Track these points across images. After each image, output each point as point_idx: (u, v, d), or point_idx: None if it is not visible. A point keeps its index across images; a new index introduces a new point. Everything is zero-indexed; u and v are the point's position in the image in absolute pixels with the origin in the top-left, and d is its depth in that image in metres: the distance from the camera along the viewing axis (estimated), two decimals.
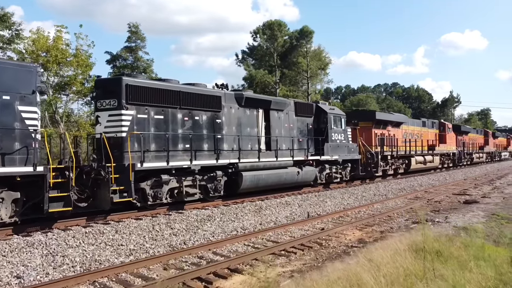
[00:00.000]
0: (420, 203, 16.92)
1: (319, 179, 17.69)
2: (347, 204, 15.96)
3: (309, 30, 38.59)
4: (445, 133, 31.63)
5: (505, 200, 18.24)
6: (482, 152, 43.88)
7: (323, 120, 18.01)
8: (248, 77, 38.43)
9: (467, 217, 13.76)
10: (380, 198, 17.92)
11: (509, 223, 12.92)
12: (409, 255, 7.67)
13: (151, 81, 12.19)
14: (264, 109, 15.39)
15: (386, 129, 23.63)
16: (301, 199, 15.72)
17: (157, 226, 10.51)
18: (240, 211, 12.89)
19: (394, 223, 12.72)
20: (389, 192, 19.63)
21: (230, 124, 14.00)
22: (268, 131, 15.53)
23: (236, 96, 14.29)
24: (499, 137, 56.76)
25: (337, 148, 18.42)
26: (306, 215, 13.43)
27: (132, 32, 29.76)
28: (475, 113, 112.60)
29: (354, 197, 17.53)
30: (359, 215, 14.04)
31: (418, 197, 18.89)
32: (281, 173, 15.24)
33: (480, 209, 15.42)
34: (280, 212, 13.50)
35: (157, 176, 11.43)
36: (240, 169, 13.57)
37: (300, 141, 16.91)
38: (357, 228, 11.92)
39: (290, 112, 16.57)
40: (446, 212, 14.92)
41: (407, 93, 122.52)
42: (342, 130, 18.91)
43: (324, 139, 17.65)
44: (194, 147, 12.50)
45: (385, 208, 15.56)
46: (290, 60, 39.31)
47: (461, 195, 19.73)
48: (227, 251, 9.15)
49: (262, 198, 15.10)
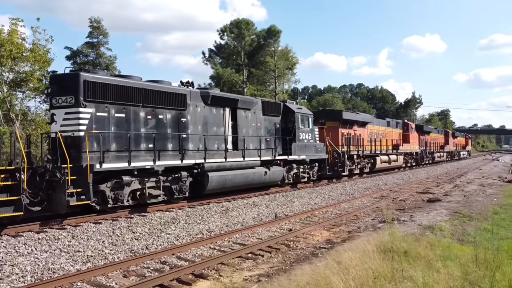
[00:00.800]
0: (386, 202, 17.10)
1: (286, 179, 17.55)
2: (314, 204, 15.90)
3: (276, 29, 38.56)
4: (409, 133, 32.39)
5: (465, 198, 18.77)
6: (443, 151, 45.36)
7: (291, 119, 17.87)
8: (215, 76, 37.91)
9: (431, 215, 13.98)
10: (347, 197, 18.00)
11: (470, 221, 13.22)
12: (378, 256, 7.57)
13: (111, 77, 11.55)
14: (231, 108, 15.06)
15: (352, 129, 23.84)
16: (269, 199, 15.51)
17: (117, 230, 9.97)
18: (206, 213, 12.51)
19: (361, 223, 12.72)
20: (355, 191, 19.78)
21: (196, 123, 13.57)
22: (235, 131, 15.21)
23: (202, 95, 13.88)
24: (458, 137, 58.99)
25: (305, 147, 18.34)
26: (273, 216, 13.22)
27: (94, 27, 28.56)
28: (436, 114, 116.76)
29: (321, 196, 17.51)
30: (326, 215, 13.98)
31: (384, 196, 19.13)
32: (249, 173, 14.96)
33: (443, 208, 15.75)
34: (247, 213, 13.22)
35: (118, 177, 10.85)
36: (206, 170, 13.18)
37: (268, 140, 16.70)
38: (325, 228, 11.82)
39: (257, 111, 16.32)
40: (411, 210, 15.13)
41: (371, 93, 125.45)
42: (310, 129, 18.85)
43: (291, 138, 17.51)
44: (158, 147, 12.00)
45: (352, 207, 15.61)
46: (258, 59, 39.12)
47: (424, 194, 20.17)
48: (192, 255, 8.77)
49: (229, 199, 14.77)
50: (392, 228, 9.09)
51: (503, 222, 13.58)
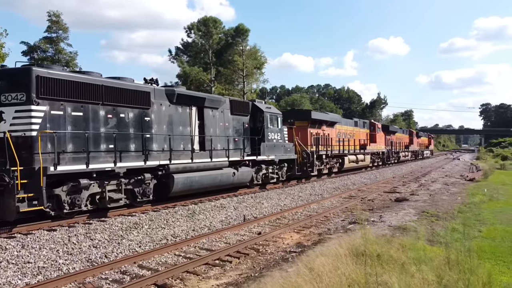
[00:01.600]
0: (355, 202, 17.03)
1: (255, 180, 17.16)
2: (284, 205, 15.58)
3: (245, 28, 38.06)
4: (375, 133, 32.78)
5: (431, 197, 19.02)
6: (408, 151, 46.39)
7: (260, 119, 17.49)
8: (182, 75, 37.00)
9: (400, 215, 13.97)
10: (316, 198, 17.81)
11: (438, 220, 13.28)
12: (350, 261, 7.28)
13: (68, 73, 10.73)
14: (197, 106, 14.49)
15: (321, 129, 23.75)
16: (237, 201, 15.06)
17: (74, 238, 9.24)
18: (171, 217, 11.91)
19: (331, 224, 12.49)
20: (324, 192, 19.65)
21: (160, 123, 12.93)
22: (202, 130, 14.66)
23: (167, 92, 13.24)
24: (422, 136, 60.63)
25: (274, 148, 18.02)
26: (242, 218, 12.79)
27: (53, 22, 27.09)
28: (400, 114, 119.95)
29: (290, 197, 17.23)
30: (296, 216, 13.69)
31: (352, 195, 19.10)
32: (216, 174, 14.45)
33: (411, 207, 15.82)
34: (215, 216, 12.72)
35: (75, 180, 10.09)
36: (172, 171, 12.57)
37: (236, 140, 16.25)
38: (295, 231, 11.50)
39: (225, 111, 15.83)
40: (380, 210, 15.08)
41: (338, 94, 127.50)
42: (279, 129, 18.54)
43: (260, 138, 17.14)
44: (119, 147, 11.30)
45: (322, 208, 15.41)
46: (226, 58, 38.52)
47: (391, 193, 20.31)
48: (155, 263, 8.21)
49: (195, 202, 14.21)
50: (364, 230, 8.84)
51: (469, 221, 13.73)
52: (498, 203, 18.13)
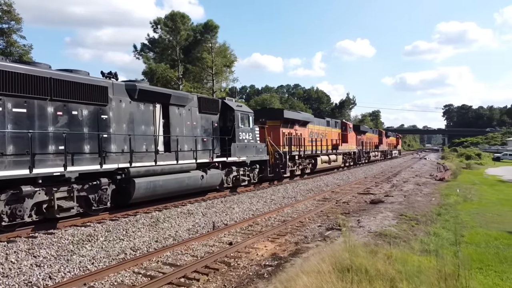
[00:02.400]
0: (330, 205, 16.29)
1: (225, 183, 16.07)
2: (256, 209, 14.60)
3: (214, 24, 36.69)
4: (347, 133, 32.35)
5: (406, 198, 18.57)
6: (378, 150, 46.50)
7: (230, 118, 16.41)
8: (148, 72, 35.27)
9: (379, 219, 13.28)
10: (289, 201, 16.94)
11: (418, 224, 12.67)
12: (335, 278, 6.36)
13: (8, 63, 9.28)
14: (162, 104, 13.25)
15: (293, 129, 22.92)
16: (206, 206, 13.93)
17: (12, 256, 7.89)
18: (132, 226, 10.66)
19: (308, 231, 11.61)
20: (298, 194, 18.82)
21: (120, 121, 11.63)
22: (168, 130, 13.44)
23: (128, 88, 11.95)
24: (391, 136, 61.26)
25: (245, 148, 16.98)
26: (211, 226, 11.72)
27: (4, 12, 24.92)
28: (368, 114, 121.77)
29: (263, 201, 16.27)
30: (269, 222, 12.74)
31: (327, 198, 18.37)
32: (183, 178, 13.26)
33: (388, 210, 15.21)
34: (181, 224, 11.57)
35: (15, 188, 8.70)
36: (132, 175, 11.30)
37: (205, 141, 15.11)
38: (269, 239, 10.53)
39: (193, 109, 14.65)
40: (356, 214, 14.37)
41: (307, 94, 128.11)
42: (250, 129, 17.52)
43: (230, 138, 16.06)
44: (71, 149, 9.95)
45: (296, 212, 14.55)
46: (194, 55, 37.06)
47: (366, 195, 19.75)
48: (109, 284, 7.03)
49: (160, 208, 12.98)
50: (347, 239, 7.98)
51: (448, 224, 13.23)
52: (472, 204, 17.89)
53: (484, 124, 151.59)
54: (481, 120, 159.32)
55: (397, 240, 10.24)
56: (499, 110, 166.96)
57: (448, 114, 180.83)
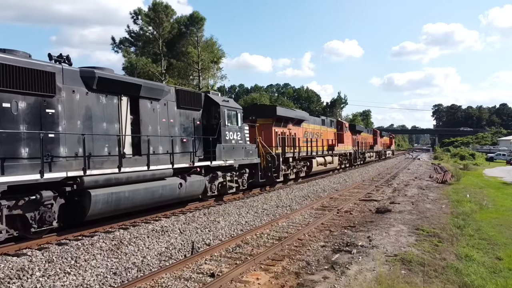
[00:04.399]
0: (331, 215, 14.07)
1: (209, 191, 13.67)
2: (245, 223, 12.29)
3: (199, 16, 34.08)
4: (343, 132, 30.16)
5: (414, 206, 16.48)
6: (372, 151, 44.51)
7: (215, 115, 14.03)
8: (128, 66, 32.60)
9: (392, 235, 11.08)
10: (284, 210, 14.66)
11: (441, 242, 10.48)
12: None
13: None
14: (130, 96, 10.82)
15: (287, 127, 20.62)
16: (185, 221, 11.56)
17: None
18: (85, 252, 8.24)
19: (310, 253, 9.33)
20: (293, 202, 16.54)
21: (73, 117, 9.17)
22: (138, 128, 11.02)
23: (84, 75, 9.49)
24: (385, 136, 59.43)
25: (233, 150, 14.62)
26: (190, 247, 9.39)
27: None
28: (358, 114, 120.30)
29: (253, 211, 13.96)
30: (262, 240, 10.44)
31: (325, 206, 16.16)
32: (156, 187, 10.84)
33: (400, 222, 13.03)
34: (152, 247, 9.18)
35: None
36: (87, 186, 8.85)
37: (185, 141, 12.71)
38: (262, 267, 8.24)
39: (170, 103, 12.24)
40: (364, 227, 12.16)
41: (297, 93, 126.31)
42: (239, 127, 15.15)
43: (215, 139, 13.67)
44: (0, 153, 7.51)
45: (293, 225, 12.29)
46: (179, 49, 34.48)
47: (368, 201, 17.61)
48: None
49: (126, 225, 10.56)
50: None
51: (474, 241, 11.11)
52: (490, 213, 15.84)
53: (473, 124, 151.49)
54: (470, 120, 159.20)
55: (426, 269, 8.02)
56: (488, 110, 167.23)
57: (437, 114, 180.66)
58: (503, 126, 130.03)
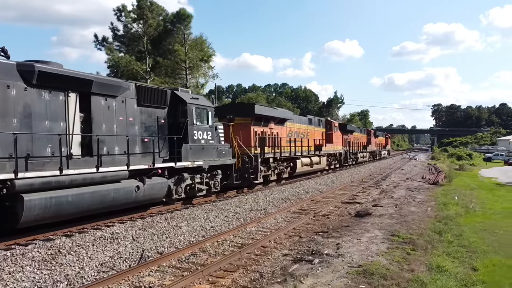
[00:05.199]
0: (306, 219, 13.31)
1: (175, 194, 12.88)
2: (211, 228, 11.50)
3: (186, 13, 33.22)
4: (332, 132, 29.34)
5: (398, 208, 15.66)
6: (366, 151, 43.69)
7: (182, 113, 13.23)
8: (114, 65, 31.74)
9: (364, 242, 10.28)
10: (257, 214, 13.88)
11: (415, 250, 9.66)
12: None
13: None
14: (79, 92, 10.03)
15: (268, 127, 19.82)
16: (142, 226, 10.77)
17: None
18: (12, 264, 7.46)
19: (268, 263, 8.54)
20: (269, 204, 15.77)
21: (7, 115, 8.36)
22: (89, 127, 10.23)
23: (21, 69, 8.70)
24: (380, 136, 58.57)
25: (202, 151, 13.82)
26: (139, 256, 8.61)
27: None
28: (356, 114, 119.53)
29: (223, 215, 13.18)
30: (222, 247, 9.67)
31: (304, 209, 15.39)
32: (106, 190, 10.04)
33: (376, 226, 12.22)
34: (94, 256, 8.40)
35: None
36: (20, 190, 8.07)
37: (146, 141, 11.92)
38: (209, 281, 7.48)
39: (129, 100, 11.45)
40: (337, 233, 11.37)
41: (295, 93, 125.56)
42: (209, 127, 14.34)
43: (181, 138, 12.87)
44: None
45: (262, 230, 11.51)
46: (166, 47, 33.68)
47: (351, 204, 16.83)
48: None
49: (72, 231, 9.77)
50: None
51: (452, 248, 10.29)
52: (476, 216, 14.99)
53: (473, 124, 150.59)
54: (470, 120, 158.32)
55: (387, 283, 7.22)
56: (488, 109, 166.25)
57: (436, 114, 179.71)
58: (502, 126, 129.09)
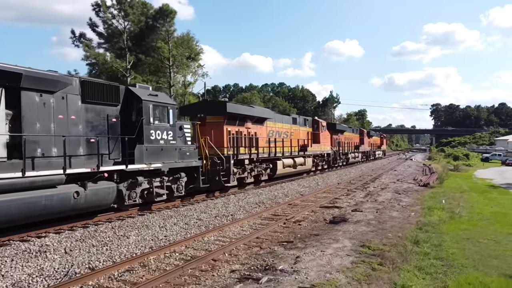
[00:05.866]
0: (275, 226, 12.24)
1: (128, 199, 11.76)
2: (164, 238, 10.40)
3: (169, 9, 31.99)
4: (319, 132, 28.21)
5: (378, 214, 14.53)
6: (358, 151, 42.54)
7: (137, 111, 12.13)
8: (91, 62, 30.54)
9: (328, 254, 9.16)
10: (223, 221, 12.78)
11: (383, 265, 8.54)
12: None
13: None
14: (6, 87, 8.94)
15: (245, 126, 18.70)
16: (80, 237, 9.66)
17: None
18: None
19: (210, 281, 7.45)
20: (240, 210, 14.66)
21: None
22: (18, 126, 9.13)
23: None
24: (374, 136, 57.38)
25: (161, 152, 12.70)
26: (63, 274, 7.52)
27: None
28: (353, 114, 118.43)
29: (184, 222, 12.08)
30: (167, 261, 8.58)
31: (277, 214, 14.31)
32: (36, 197, 8.91)
33: (348, 235, 11.09)
34: (9, 274, 7.32)
35: None
36: None
37: (92, 142, 10.80)
38: None
39: (71, 96, 10.34)
40: (302, 243, 10.27)
41: (292, 93, 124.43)
42: (171, 126, 13.21)
43: (135, 139, 11.76)
44: None
45: (220, 240, 10.42)
46: (149, 44, 32.54)
47: (330, 208, 15.74)
48: None
49: None
50: None
51: (427, 261, 9.17)
52: (461, 223, 13.84)
53: (472, 123, 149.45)
54: (469, 119, 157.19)
55: None
56: (487, 109, 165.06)
57: (435, 113, 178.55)
58: (501, 126, 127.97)
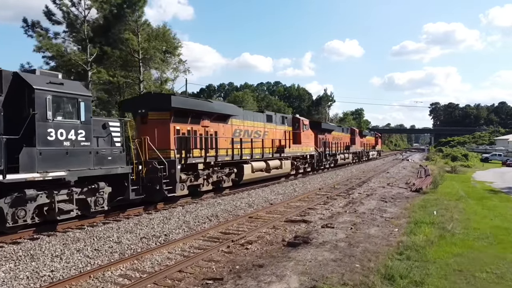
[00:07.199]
0: (214, 251, 9.54)
1: (11, 221, 8.93)
2: (48, 274, 7.63)
3: None
4: (300, 131, 25.34)
5: (353, 231, 11.70)
6: (348, 152, 39.67)
7: (29, 103, 9.32)
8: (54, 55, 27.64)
9: None
10: (150, 243, 10.02)
11: None
12: None
13: None
14: None
15: (200, 124, 15.84)
16: None
17: None
18: None
19: None
20: (181, 226, 11.89)
21: None
22: None
23: None
24: (367, 135, 54.47)
25: (66, 156, 9.87)
26: None
27: None
28: (350, 113, 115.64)
29: (93, 248, 9.31)
30: None
31: (227, 232, 11.61)
32: None
33: (300, 268, 8.25)
34: None
35: None
36: None
37: None
38: None
39: None
40: (232, 282, 7.48)
41: (288, 92, 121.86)
42: (82, 123, 10.37)
43: (20, 139, 8.94)
44: None
45: (128, 274, 7.66)
46: (116, 35, 29.71)
47: (296, 223, 13.02)
48: None
49: None
50: None
51: None
52: (453, 245, 10.82)
53: (471, 123, 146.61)
54: (468, 118, 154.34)
55: None
56: (486, 108, 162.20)
57: (434, 112, 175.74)
58: (501, 125, 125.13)
